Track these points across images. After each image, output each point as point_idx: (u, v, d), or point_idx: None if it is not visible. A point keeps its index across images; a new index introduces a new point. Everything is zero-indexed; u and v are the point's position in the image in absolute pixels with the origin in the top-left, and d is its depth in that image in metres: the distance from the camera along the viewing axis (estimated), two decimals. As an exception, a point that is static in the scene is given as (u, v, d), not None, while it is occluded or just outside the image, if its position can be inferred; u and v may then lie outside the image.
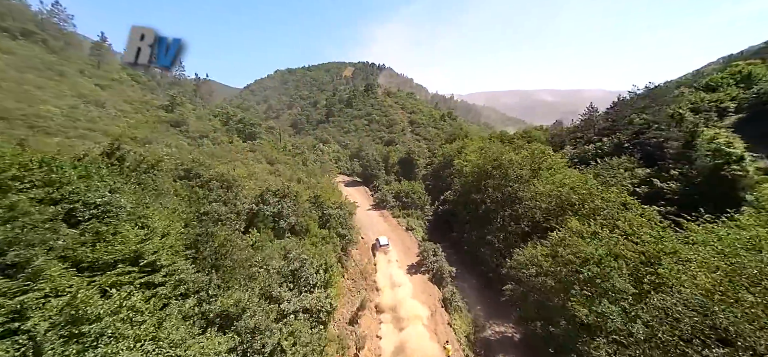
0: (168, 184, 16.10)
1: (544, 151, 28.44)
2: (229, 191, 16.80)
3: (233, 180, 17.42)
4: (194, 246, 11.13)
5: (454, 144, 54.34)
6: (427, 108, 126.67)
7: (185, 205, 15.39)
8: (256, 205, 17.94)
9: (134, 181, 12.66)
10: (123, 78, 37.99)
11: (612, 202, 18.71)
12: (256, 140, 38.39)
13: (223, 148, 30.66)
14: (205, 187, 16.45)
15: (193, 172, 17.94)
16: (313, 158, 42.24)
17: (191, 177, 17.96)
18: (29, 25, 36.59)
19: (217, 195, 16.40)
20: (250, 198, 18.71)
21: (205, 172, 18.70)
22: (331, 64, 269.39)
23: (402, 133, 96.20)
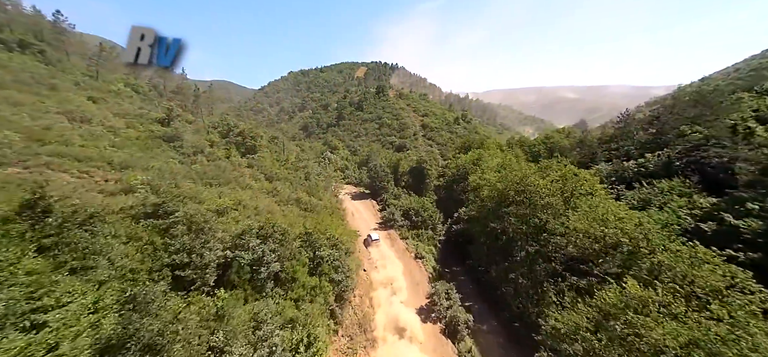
0: (124, 230, 13.34)
1: (578, 174, 23.96)
2: (198, 236, 13.89)
3: (204, 221, 14.46)
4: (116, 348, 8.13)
5: (468, 154, 50.04)
6: (441, 110, 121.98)
7: (139, 259, 12.52)
8: (231, 251, 14.97)
9: (57, 241, 9.88)
10: (121, 89, 36.42)
11: (682, 256, 14.34)
12: (257, 154, 35.71)
13: (217, 166, 28.07)
14: (166, 234, 13.60)
15: (163, 209, 15.18)
16: (316, 172, 39.18)
17: (159, 215, 15.20)
18: (28, 36, 35.73)
19: (181, 243, 13.50)
20: (228, 239, 15.78)
21: (180, 205, 15.91)
22: (343, 65, 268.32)
23: (414, 137, 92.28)
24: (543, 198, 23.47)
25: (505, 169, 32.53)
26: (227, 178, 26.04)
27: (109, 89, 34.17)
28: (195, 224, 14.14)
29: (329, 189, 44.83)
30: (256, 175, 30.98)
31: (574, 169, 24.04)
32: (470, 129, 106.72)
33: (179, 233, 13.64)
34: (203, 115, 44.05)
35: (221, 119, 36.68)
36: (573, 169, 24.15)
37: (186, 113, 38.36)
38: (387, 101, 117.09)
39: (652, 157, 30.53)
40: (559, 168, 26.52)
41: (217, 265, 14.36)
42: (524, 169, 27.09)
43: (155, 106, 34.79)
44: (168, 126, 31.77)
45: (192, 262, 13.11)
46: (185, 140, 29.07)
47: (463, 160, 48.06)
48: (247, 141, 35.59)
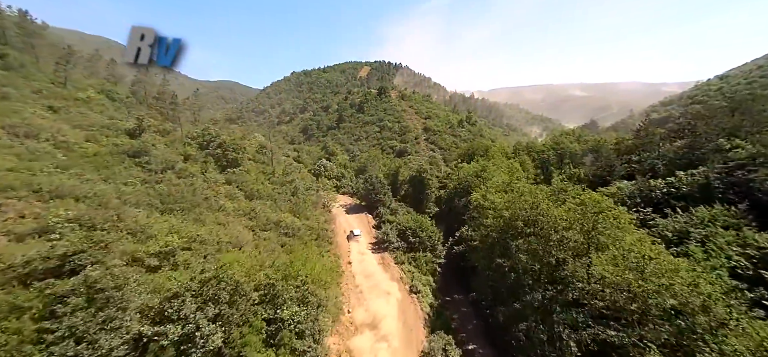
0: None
1: (600, 202, 19.89)
2: (101, 311, 10.45)
3: (116, 286, 10.97)
4: None
5: (471, 165, 46.08)
6: (444, 111, 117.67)
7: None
8: (154, 325, 11.51)
9: None
10: (91, 97, 33.38)
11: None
12: (239, 168, 32.37)
13: (188, 185, 24.73)
14: (50, 304, 10.12)
15: (71, 262, 11.82)
16: (305, 186, 35.75)
17: (64, 272, 11.84)
18: (-8, 39, 32.98)
19: (69, 326, 9.98)
20: (155, 303, 12.34)
21: (97, 254, 12.54)
22: (346, 65, 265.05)
23: (415, 141, 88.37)
24: (558, 231, 19.60)
25: (512, 190, 28.57)
26: (195, 201, 22.64)
27: (76, 97, 31.11)
28: (100, 293, 10.65)
29: (321, 204, 41.37)
30: (233, 194, 27.61)
31: (596, 196, 20.00)
32: (475, 132, 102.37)
33: (69, 310, 10.13)
34: (184, 124, 40.88)
35: (202, 129, 33.33)
36: (594, 196, 20.12)
37: (163, 122, 35.20)
38: (389, 103, 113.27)
39: (684, 176, 26.26)
40: (576, 193, 22.46)
41: (125, 354, 10.72)
42: (535, 194, 23.11)
43: (130, 116, 31.52)
44: (139, 137, 28.61)
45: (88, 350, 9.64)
46: (153, 155, 25.80)
47: (466, 172, 44.15)
48: (227, 154, 32.24)
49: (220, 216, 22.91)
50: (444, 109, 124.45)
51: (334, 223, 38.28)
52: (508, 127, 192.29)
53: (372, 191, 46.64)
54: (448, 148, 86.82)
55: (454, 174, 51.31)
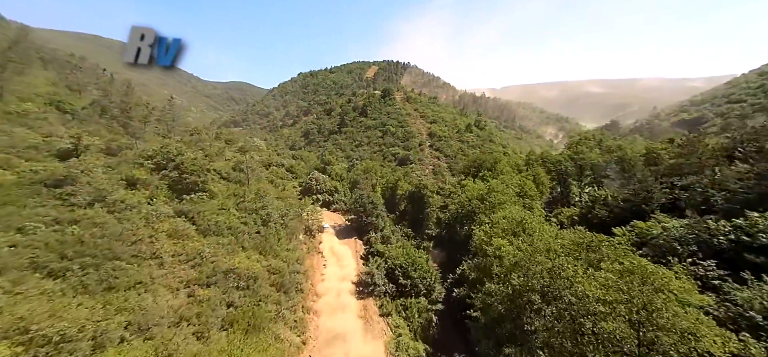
0: None
1: (655, 273, 13.62)
2: None
3: None
4: None
5: (476, 185, 39.93)
6: (451, 114, 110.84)
7: None
8: None
9: None
10: (28, 110, 29.16)
11: None
12: (198, 193, 27.59)
13: (117, 223, 19.98)
14: None
15: None
16: (279, 213, 30.79)
17: None
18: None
19: None
20: None
21: None
22: (354, 65, 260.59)
23: (419, 148, 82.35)
24: (592, 316, 13.67)
25: (524, 231, 22.52)
26: (113, 251, 17.70)
27: (7, 111, 27.00)
28: None
29: (302, 229, 36.34)
30: (181, 231, 22.71)
31: (647, 265, 13.86)
32: (484, 137, 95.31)
33: None
34: (151, 138, 36.61)
35: (160, 146, 28.75)
36: (644, 264, 13.98)
37: (118, 138, 30.85)
38: (393, 106, 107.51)
39: (761, 220, 19.58)
40: (616, 255, 16.15)
41: None
42: (555, 251, 17.02)
43: (67, 133, 27.00)
44: (76, 159, 24.19)
45: None
46: (82, 183, 21.21)
47: (470, 193, 38.09)
48: (185, 177, 27.51)
49: (147, 270, 17.98)
50: (451, 112, 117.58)
51: (313, 257, 33.14)
52: (520, 130, 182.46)
53: (362, 213, 41.24)
54: (454, 155, 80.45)
55: (456, 193, 45.26)
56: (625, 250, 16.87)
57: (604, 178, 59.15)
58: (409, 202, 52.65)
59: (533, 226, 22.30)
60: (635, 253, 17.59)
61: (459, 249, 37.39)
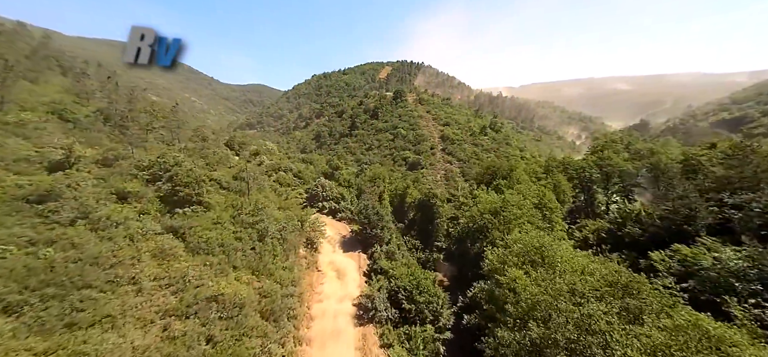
0: None
1: (716, 339, 10.43)
2: None
3: None
4: None
5: (489, 197, 36.76)
6: (465, 117, 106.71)
7: None
8: None
9: None
10: (25, 120, 28.83)
11: None
12: (192, 206, 26.37)
13: (92, 245, 18.82)
14: None
15: None
16: (277, 226, 29.22)
17: None
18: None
19: None
20: None
21: None
22: (367, 66, 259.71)
23: (431, 152, 79.30)
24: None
25: (543, 260, 19.49)
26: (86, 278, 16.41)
27: (5, 121, 26.74)
28: None
29: (302, 242, 34.66)
30: (168, 250, 21.35)
31: (705, 322, 10.73)
32: (500, 139, 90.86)
33: None
34: (152, 147, 36.05)
35: (157, 156, 27.82)
36: (701, 321, 10.84)
37: (116, 147, 30.24)
38: (404, 108, 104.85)
39: None
40: (663, 304, 12.94)
41: None
42: (585, 292, 14.04)
43: (58, 142, 26.31)
44: (66, 171, 23.48)
45: None
46: (66, 199, 20.28)
47: (483, 206, 35.03)
48: (178, 190, 26.34)
49: (122, 299, 16.55)
50: (466, 114, 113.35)
51: (312, 273, 31.30)
52: (539, 131, 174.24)
53: (367, 225, 39.04)
54: (467, 159, 76.87)
55: (467, 204, 42.08)
56: (675, 300, 13.61)
57: (634, 187, 53.87)
58: (418, 210, 50.04)
59: (555, 254, 19.20)
60: (682, 301, 14.24)
61: (470, 265, 34.46)
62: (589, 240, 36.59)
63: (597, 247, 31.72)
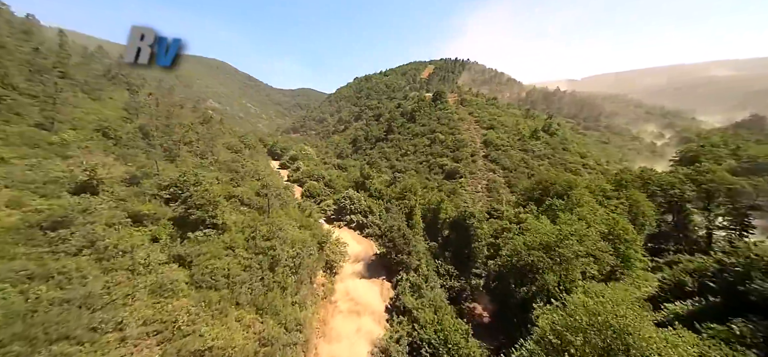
0: None
1: None
2: None
3: None
4: None
5: (541, 225, 29.78)
6: (513, 118, 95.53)
7: None
8: None
9: None
10: (66, 140, 30.67)
11: None
12: (205, 230, 25.47)
13: (90, 279, 18.24)
14: None
15: None
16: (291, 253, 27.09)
17: None
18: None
19: None
20: None
21: None
22: (408, 66, 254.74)
23: (471, 159, 71.89)
24: None
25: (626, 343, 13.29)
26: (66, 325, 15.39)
27: (49, 141, 28.69)
28: None
29: (320, 267, 32.17)
30: (169, 286, 20.16)
31: None
32: (555, 144, 78.93)
33: None
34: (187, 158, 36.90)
35: (179, 174, 27.65)
36: None
37: (148, 161, 31.05)
38: (444, 110, 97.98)
39: None
40: None
41: None
42: None
43: (83, 162, 27.10)
44: (87, 195, 24.04)
45: None
46: (78, 226, 20.31)
47: (531, 238, 28.43)
48: (191, 213, 25.58)
49: (101, 351, 15.19)
50: (514, 115, 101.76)
51: (327, 307, 28.43)
52: (608, 130, 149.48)
53: (392, 249, 35.04)
54: (514, 168, 67.80)
55: (509, 229, 35.09)
56: None
57: (754, 211, 40.97)
58: (453, 230, 44.39)
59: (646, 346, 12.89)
60: None
61: (515, 309, 28.32)
62: (686, 285, 27.31)
63: (699, 297, 23.29)
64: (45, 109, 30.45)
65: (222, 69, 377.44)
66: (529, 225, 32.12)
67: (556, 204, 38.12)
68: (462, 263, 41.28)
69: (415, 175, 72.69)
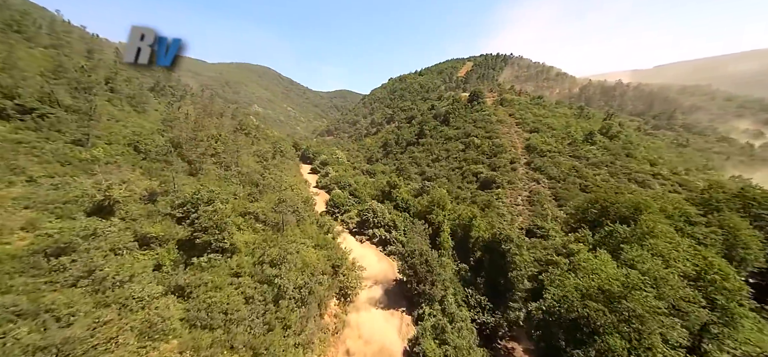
0: None
1: None
2: None
3: None
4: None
5: (601, 261, 23.38)
6: (564, 118, 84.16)
7: None
8: None
9: None
10: (97, 157, 31.64)
11: None
12: (211, 255, 24.31)
13: (79, 317, 17.50)
14: None
15: None
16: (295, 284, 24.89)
17: None
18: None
19: None
20: None
21: None
22: (446, 64, 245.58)
23: (510, 167, 64.19)
24: None
25: None
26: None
27: (81, 158, 29.81)
28: None
29: (332, 296, 29.50)
30: (158, 326, 18.86)
31: None
32: (616, 150, 67.23)
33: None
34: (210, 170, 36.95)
35: (192, 192, 27.11)
36: None
37: (170, 176, 31.19)
38: (481, 111, 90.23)
39: None
40: None
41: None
42: None
43: (110, 178, 27.45)
44: (109, 214, 24.19)
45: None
46: (81, 252, 20.07)
47: (587, 283, 22.37)
48: (197, 236, 24.57)
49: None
50: (565, 115, 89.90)
51: (337, 343, 25.51)
52: (686, 130, 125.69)
53: (413, 278, 31.02)
54: (563, 178, 58.77)
55: (558, 262, 28.50)
56: None
57: None
58: (487, 253, 38.88)
59: None
60: None
61: None
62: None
63: None
64: (83, 125, 32.00)
65: (267, 75, 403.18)
66: (584, 261, 25.79)
67: (619, 231, 30.70)
68: (498, 293, 35.75)
69: (447, 183, 67.25)
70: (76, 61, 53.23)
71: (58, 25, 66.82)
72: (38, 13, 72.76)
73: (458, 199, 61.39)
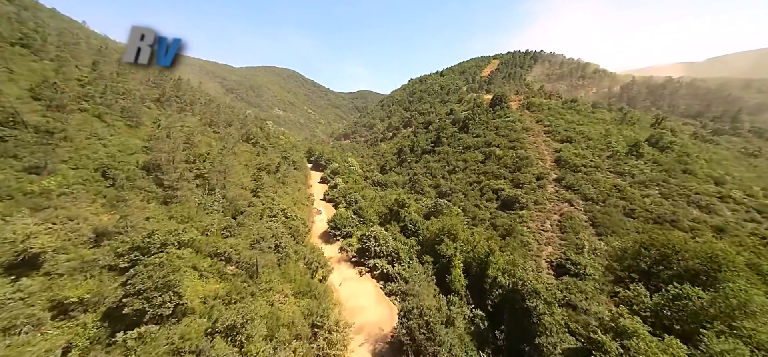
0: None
1: None
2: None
3: None
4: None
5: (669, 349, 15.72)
6: (603, 124, 72.80)
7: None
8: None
9: None
10: (50, 188, 28.29)
11: None
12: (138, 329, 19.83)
13: None
14: None
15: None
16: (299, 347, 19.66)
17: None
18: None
19: None
20: None
21: None
22: (469, 63, 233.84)
23: (537, 184, 55.33)
24: None
25: None
26: None
27: (25, 191, 26.36)
28: None
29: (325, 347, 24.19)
30: None
31: None
32: (669, 163, 55.91)
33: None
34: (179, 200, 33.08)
35: (148, 234, 22.93)
36: None
37: (131, 210, 27.42)
38: (504, 117, 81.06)
39: None
40: None
41: None
42: None
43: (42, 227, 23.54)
44: (33, 268, 20.47)
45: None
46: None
47: None
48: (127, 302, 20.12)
49: None
50: (604, 120, 78.18)
51: None
52: (755, 134, 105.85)
53: (410, 345, 24.66)
54: (602, 200, 49.17)
55: (604, 343, 20.84)
56: None
57: None
58: (506, 303, 31.57)
59: None
60: None
61: None
62: None
63: None
64: (48, 147, 29.05)
65: (291, 78, 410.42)
66: (644, 353, 18.14)
67: (691, 297, 22.36)
68: None
69: (463, 199, 59.77)
70: (79, 73, 52.44)
71: (67, 35, 67.21)
72: (57, 23, 74.59)
73: (475, 219, 53.83)
